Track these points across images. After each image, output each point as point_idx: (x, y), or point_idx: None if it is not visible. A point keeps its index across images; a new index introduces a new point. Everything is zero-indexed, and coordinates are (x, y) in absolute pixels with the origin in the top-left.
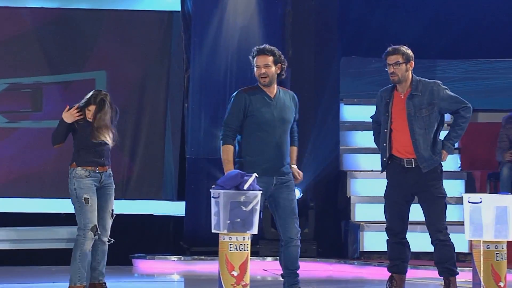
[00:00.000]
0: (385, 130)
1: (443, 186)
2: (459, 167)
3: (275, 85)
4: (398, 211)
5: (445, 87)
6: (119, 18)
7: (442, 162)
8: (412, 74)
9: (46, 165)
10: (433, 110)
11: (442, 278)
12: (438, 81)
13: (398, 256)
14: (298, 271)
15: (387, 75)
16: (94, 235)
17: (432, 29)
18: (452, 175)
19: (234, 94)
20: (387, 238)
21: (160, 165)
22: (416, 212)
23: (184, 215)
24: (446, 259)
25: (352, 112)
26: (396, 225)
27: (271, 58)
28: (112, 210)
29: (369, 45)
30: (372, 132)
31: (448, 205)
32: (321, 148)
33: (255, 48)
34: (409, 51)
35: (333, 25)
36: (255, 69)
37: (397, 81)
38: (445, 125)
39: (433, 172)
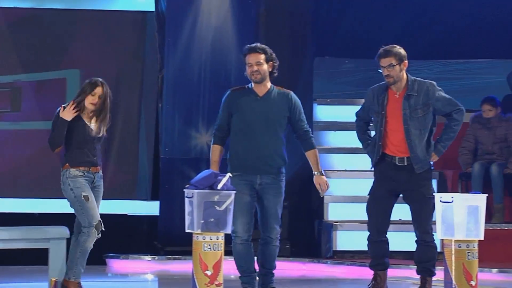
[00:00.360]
0: (381, 129)
1: (432, 187)
2: (431, 167)
3: (268, 84)
4: (384, 208)
5: (440, 88)
6: (93, 18)
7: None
8: (406, 74)
9: (19, 166)
10: (428, 111)
11: (419, 276)
12: (433, 82)
13: (382, 254)
14: (274, 271)
15: (360, 75)
16: (98, 233)
17: (405, 30)
18: None
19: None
20: (370, 236)
21: (134, 165)
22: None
23: (158, 214)
24: (427, 259)
25: (326, 112)
26: (381, 222)
27: (262, 56)
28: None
29: (343, 45)
30: (346, 132)
31: None
32: (295, 148)
33: (246, 47)
34: (402, 51)
35: (306, 25)
36: (247, 67)
37: (393, 82)
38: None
39: (425, 172)
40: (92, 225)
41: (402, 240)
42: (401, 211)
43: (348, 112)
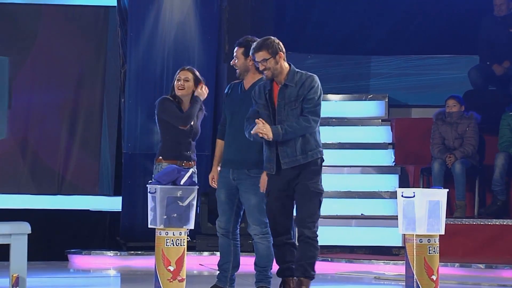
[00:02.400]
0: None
1: (320, 182)
2: (393, 162)
3: (252, 76)
4: (281, 208)
5: (318, 85)
6: (55, 12)
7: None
8: (289, 65)
9: None
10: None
11: (291, 278)
12: (316, 76)
13: (287, 260)
14: (267, 270)
15: (324, 70)
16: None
17: (366, 25)
18: (386, 169)
19: None
20: (272, 240)
21: (96, 160)
22: (348, 207)
23: (120, 210)
24: (306, 258)
25: None
26: (279, 224)
27: (241, 50)
28: None
29: (306, 41)
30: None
31: (382, 200)
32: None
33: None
34: (275, 42)
35: (269, 21)
36: None
37: (271, 76)
38: (380, 120)
39: (312, 165)
40: None
41: (364, 235)
42: (362, 206)
43: None
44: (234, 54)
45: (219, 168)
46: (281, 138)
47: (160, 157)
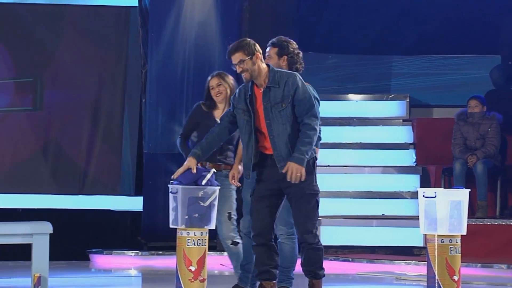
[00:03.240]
0: (252, 129)
1: (315, 182)
2: (414, 162)
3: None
4: (265, 207)
5: (301, 80)
6: (76, 13)
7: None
8: (268, 66)
9: (2, 160)
10: (291, 103)
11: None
12: (295, 73)
13: (266, 262)
14: (290, 270)
15: (344, 70)
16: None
17: (389, 26)
18: (407, 170)
19: None
20: (253, 241)
21: (117, 160)
22: (369, 208)
23: (141, 210)
24: (312, 263)
25: None
26: (261, 224)
27: (275, 50)
28: (229, 212)
29: (326, 40)
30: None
31: (403, 200)
32: None
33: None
34: (252, 43)
35: (289, 20)
36: None
37: (250, 78)
38: (401, 120)
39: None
40: None
41: (385, 235)
42: (383, 206)
43: (332, 108)
44: (267, 54)
45: (240, 167)
46: (305, 162)
47: None
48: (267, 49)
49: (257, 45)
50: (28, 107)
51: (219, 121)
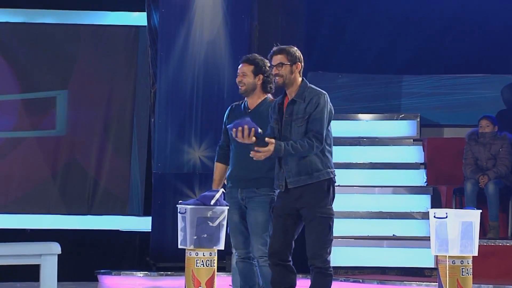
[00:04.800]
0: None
1: (330, 205)
2: (425, 182)
3: (262, 96)
4: (281, 226)
5: (326, 102)
6: (84, 32)
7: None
8: (302, 79)
9: (10, 180)
10: (307, 119)
11: None
12: (325, 93)
13: (280, 282)
14: None
15: (354, 90)
16: None
17: (397, 44)
18: (418, 190)
19: None
20: (268, 260)
21: (126, 180)
22: (379, 228)
23: (150, 230)
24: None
25: None
26: (275, 243)
27: (251, 68)
28: None
29: (336, 60)
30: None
31: (413, 220)
32: None
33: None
34: (298, 52)
35: (300, 40)
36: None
37: (282, 83)
38: (412, 140)
39: (317, 187)
40: None
41: (395, 256)
42: (394, 226)
43: (342, 127)
44: (240, 71)
45: (222, 190)
46: (281, 154)
47: None
48: (240, 66)
49: (302, 57)
50: (46, 129)
51: None
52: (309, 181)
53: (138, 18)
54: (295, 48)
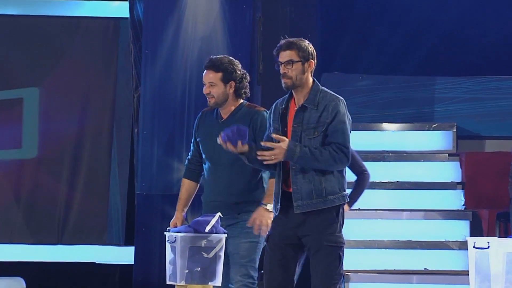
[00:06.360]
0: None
1: (340, 231)
2: (463, 205)
3: (234, 103)
4: (280, 259)
5: (345, 110)
6: (54, 26)
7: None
8: (314, 80)
9: None
10: (324, 131)
11: None
12: (342, 99)
13: None
14: None
15: (377, 95)
16: None
17: (433, 43)
18: (454, 214)
19: None
20: None
21: (104, 202)
22: (408, 260)
23: (133, 263)
24: None
25: None
26: (275, 280)
27: (219, 75)
28: None
29: (357, 59)
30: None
31: (450, 251)
32: None
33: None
34: (311, 47)
35: (312, 35)
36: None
37: (291, 86)
38: (446, 155)
39: (326, 212)
40: None
41: None
42: (425, 259)
43: (363, 139)
44: (206, 79)
45: (183, 213)
46: (294, 160)
47: None
48: (204, 73)
49: (315, 53)
50: (9, 148)
51: None
52: (322, 206)
53: (119, 9)
54: (307, 42)
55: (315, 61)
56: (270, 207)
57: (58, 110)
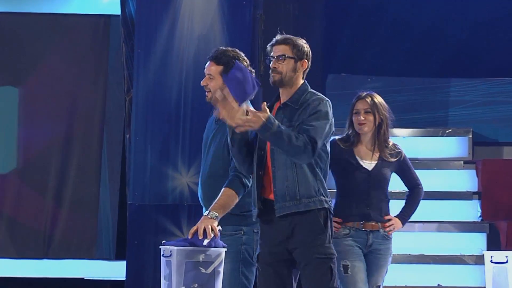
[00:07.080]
0: (262, 153)
1: (330, 243)
2: (479, 216)
3: None
4: (274, 278)
5: (325, 111)
6: (41, 23)
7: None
8: (304, 82)
9: None
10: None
11: None
12: (327, 100)
13: None
14: None
15: (388, 97)
16: None
17: (443, 37)
18: (470, 227)
19: None
20: None
21: (93, 214)
22: (421, 276)
23: (124, 278)
24: None
25: None
26: None
27: (219, 68)
28: (379, 286)
29: (365, 59)
30: None
31: (465, 266)
32: None
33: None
34: (307, 47)
35: (317, 34)
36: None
37: (278, 81)
38: (462, 162)
39: (310, 219)
40: None
41: None
42: (439, 274)
43: None
44: (207, 71)
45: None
46: (267, 135)
47: None
48: (207, 64)
49: (310, 53)
50: None
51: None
52: (294, 209)
53: (109, 5)
54: (304, 41)
55: (310, 63)
56: (212, 214)
57: (41, 113)
